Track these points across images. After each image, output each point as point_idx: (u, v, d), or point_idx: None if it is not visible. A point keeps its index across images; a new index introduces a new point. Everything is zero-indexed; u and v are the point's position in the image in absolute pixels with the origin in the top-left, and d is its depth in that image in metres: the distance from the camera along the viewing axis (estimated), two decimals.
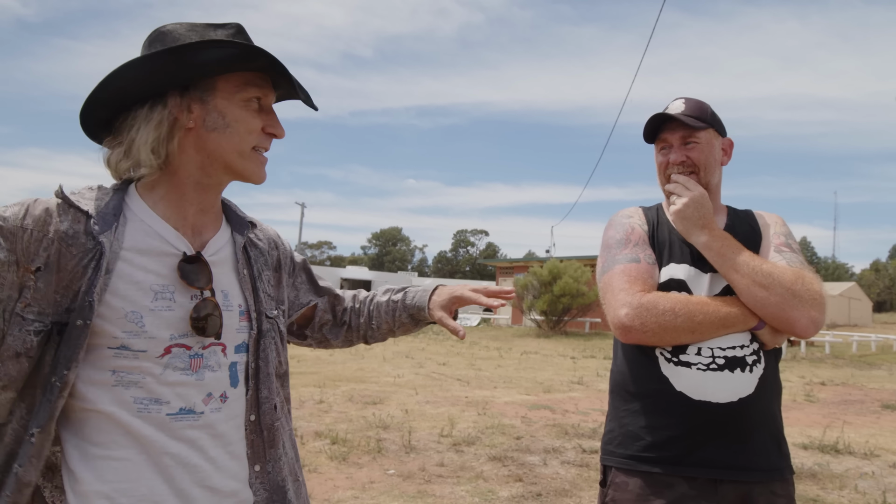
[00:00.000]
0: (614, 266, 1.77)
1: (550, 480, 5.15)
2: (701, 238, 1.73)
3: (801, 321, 1.62)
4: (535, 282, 22.73)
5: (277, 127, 1.24)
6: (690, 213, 1.75)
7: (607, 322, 1.74)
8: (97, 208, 1.13)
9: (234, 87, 1.18)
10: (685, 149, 1.82)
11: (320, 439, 6.15)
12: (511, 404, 8.65)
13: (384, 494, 4.67)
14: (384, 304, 1.60)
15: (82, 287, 1.07)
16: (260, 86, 1.21)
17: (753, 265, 1.67)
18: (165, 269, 1.16)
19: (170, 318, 1.14)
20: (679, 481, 1.65)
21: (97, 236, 1.09)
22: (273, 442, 1.28)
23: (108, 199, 1.15)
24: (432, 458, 5.67)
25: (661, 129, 1.85)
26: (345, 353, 14.67)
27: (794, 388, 11.50)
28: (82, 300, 1.06)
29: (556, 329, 23.09)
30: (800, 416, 8.52)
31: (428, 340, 19.45)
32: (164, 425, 1.12)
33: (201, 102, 1.17)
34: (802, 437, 7.04)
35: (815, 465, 5.87)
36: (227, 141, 1.18)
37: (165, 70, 1.13)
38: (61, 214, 1.10)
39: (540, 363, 14.31)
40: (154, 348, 1.11)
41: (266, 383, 1.28)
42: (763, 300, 1.63)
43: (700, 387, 1.64)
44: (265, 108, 1.23)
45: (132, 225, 1.15)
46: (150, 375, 1.11)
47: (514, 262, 33.43)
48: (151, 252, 1.15)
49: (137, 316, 1.10)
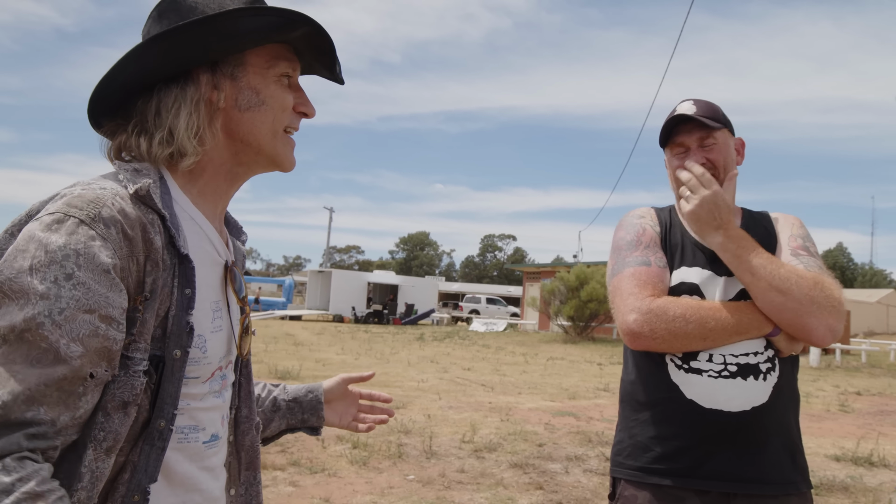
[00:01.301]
0: (624, 269, 1.71)
1: (572, 489, 5.07)
2: (716, 239, 1.67)
3: (818, 329, 1.55)
4: (563, 287, 22.56)
5: (308, 105, 1.12)
6: (704, 213, 1.68)
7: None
8: (163, 206, 0.94)
9: (266, 62, 1.05)
10: (703, 150, 1.75)
11: (341, 443, 6.15)
12: (535, 411, 8.57)
13: (403, 500, 4.64)
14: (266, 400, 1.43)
15: (171, 310, 0.92)
16: (290, 59, 1.08)
17: (771, 268, 1.60)
18: (216, 282, 1.05)
19: (221, 340, 1.04)
20: (690, 495, 1.59)
21: (179, 248, 0.94)
22: (251, 464, 1.19)
23: (159, 191, 0.96)
24: (453, 465, 5.63)
25: (676, 133, 1.79)
26: (370, 357, 14.72)
27: (828, 397, 11.21)
28: (176, 326, 0.92)
29: (583, 335, 22.87)
30: (833, 427, 8.29)
31: (454, 345, 19.42)
32: (199, 454, 1.02)
33: (232, 79, 1.04)
34: (835, 449, 6.84)
35: (847, 478, 5.69)
36: (261, 120, 1.05)
37: (197, 43, 0.98)
38: (146, 219, 0.91)
39: (566, 369, 14.17)
40: (205, 374, 1.01)
41: (247, 401, 1.19)
42: (780, 306, 1.56)
43: (711, 395, 1.58)
44: (294, 84, 1.11)
45: (187, 226, 1.00)
46: (194, 401, 1.00)
47: (542, 267, 33.23)
48: (206, 261, 1.03)
49: (202, 340, 0.98)
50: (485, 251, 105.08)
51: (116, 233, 0.86)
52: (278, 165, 1.11)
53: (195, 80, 1.01)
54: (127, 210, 0.88)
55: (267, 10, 1.00)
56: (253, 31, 1.00)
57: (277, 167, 1.11)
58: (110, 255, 0.84)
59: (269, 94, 1.06)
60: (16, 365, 0.77)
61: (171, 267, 0.93)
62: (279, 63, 1.06)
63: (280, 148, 1.09)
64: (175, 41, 0.97)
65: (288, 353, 14.27)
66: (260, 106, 1.05)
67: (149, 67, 0.99)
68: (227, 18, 0.98)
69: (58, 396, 0.79)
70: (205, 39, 0.98)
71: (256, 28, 1.00)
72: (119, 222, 0.86)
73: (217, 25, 0.98)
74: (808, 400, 10.72)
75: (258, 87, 1.05)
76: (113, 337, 0.83)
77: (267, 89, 1.05)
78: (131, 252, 0.88)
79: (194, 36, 0.97)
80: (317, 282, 35.08)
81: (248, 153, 1.08)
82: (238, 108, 1.04)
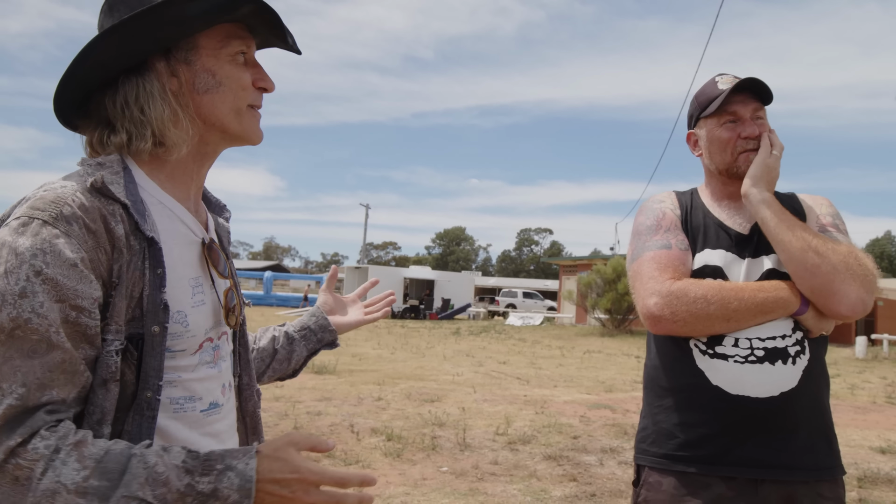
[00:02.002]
0: (644, 253, 1.68)
1: (606, 481, 5.02)
2: (765, 194, 1.63)
3: (849, 296, 1.50)
4: (599, 280, 22.34)
5: (267, 80, 1.13)
6: (774, 172, 1.66)
7: None
8: (126, 196, 0.99)
9: (218, 42, 1.07)
10: (757, 123, 1.70)
11: (376, 436, 6.20)
12: (570, 403, 8.51)
13: (435, 491, 4.66)
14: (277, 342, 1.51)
15: (145, 290, 0.97)
16: (242, 37, 1.10)
17: (808, 232, 1.57)
18: (194, 259, 1.10)
19: (205, 313, 1.09)
20: (716, 481, 1.56)
21: (145, 232, 0.98)
22: (255, 430, 1.25)
23: (123, 181, 1.01)
24: (486, 457, 5.62)
25: (729, 102, 1.70)
26: (405, 351, 14.79)
27: (874, 389, 10.88)
28: (151, 304, 0.97)
29: (620, 328, 22.62)
30: (879, 419, 8.04)
31: (490, 339, 19.39)
32: (198, 422, 1.08)
33: (187, 64, 1.06)
34: (881, 441, 6.64)
35: (893, 471, 5.52)
36: (221, 100, 1.08)
37: (146, 33, 1.01)
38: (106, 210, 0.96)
39: (602, 362, 14.04)
40: (192, 347, 1.06)
41: (247, 369, 1.25)
42: (815, 268, 1.51)
43: (738, 381, 1.54)
44: (250, 60, 1.12)
45: (155, 210, 1.04)
46: (185, 372, 1.05)
47: (578, 260, 32.94)
48: (180, 241, 1.08)
49: (182, 316, 1.03)
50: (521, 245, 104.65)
51: (79, 228, 0.91)
52: (246, 141, 1.13)
53: (153, 69, 1.04)
54: (87, 205, 0.93)
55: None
56: (198, 15, 1.02)
57: (246, 143, 1.14)
58: (75, 250, 0.90)
59: (225, 74, 1.08)
60: (16, 361, 0.85)
61: (140, 251, 0.98)
62: (232, 42, 1.08)
63: (246, 124, 1.11)
64: (124, 33, 1.00)
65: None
66: (218, 87, 1.07)
67: (104, 62, 1.02)
68: (172, 6, 1.00)
69: (64, 378, 0.88)
70: (153, 28, 1.01)
71: (201, 12, 1.02)
72: (80, 218, 0.92)
73: (163, 14, 1.00)
74: (853, 392, 10.43)
75: (213, 68, 1.07)
76: (85, 323, 0.90)
77: (222, 70, 1.07)
78: (97, 243, 0.93)
79: (142, 26, 1.00)
80: (353, 278, 35.35)
81: (214, 133, 1.11)
82: (197, 91, 1.07)
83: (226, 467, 0.89)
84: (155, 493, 0.84)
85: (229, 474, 0.88)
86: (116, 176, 1.00)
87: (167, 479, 0.85)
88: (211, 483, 0.87)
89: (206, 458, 0.89)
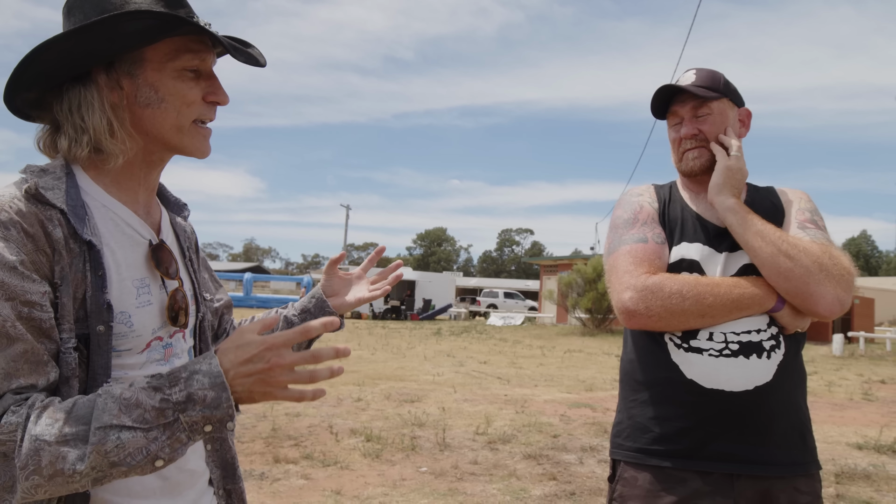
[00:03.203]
0: (620, 247, 1.66)
1: (585, 479, 5.01)
2: (729, 201, 1.62)
3: (825, 297, 1.48)
4: (580, 280, 22.44)
5: (220, 93, 1.11)
6: (738, 174, 1.65)
7: None
8: (66, 201, 1.00)
9: (165, 56, 1.05)
10: (697, 121, 1.70)
11: (355, 436, 6.14)
12: (551, 402, 8.51)
13: (414, 492, 4.62)
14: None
15: (88, 291, 0.99)
16: (195, 51, 1.07)
17: (779, 234, 1.55)
18: (140, 261, 1.10)
19: (151, 313, 1.09)
20: (692, 476, 1.54)
21: (83, 236, 0.99)
22: None
23: (64, 186, 1.02)
24: (466, 456, 5.59)
25: (672, 103, 1.74)
26: (386, 352, 14.73)
27: (851, 386, 11.02)
28: (94, 305, 0.99)
29: (601, 327, 22.72)
30: (856, 416, 8.14)
31: (471, 339, 19.39)
32: None
33: (130, 77, 1.05)
34: (857, 437, 6.71)
35: (869, 466, 5.57)
36: (162, 117, 1.06)
37: (83, 48, 1.01)
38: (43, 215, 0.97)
39: (583, 361, 14.08)
40: (138, 346, 1.06)
41: None
42: (787, 271, 1.50)
43: (712, 374, 1.53)
44: (205, 72, 1.10)
45: (98, 214, 1.05)
46: (132, 370, 1.06)
47: (559, 259, 33.07)
48: (125, 244, 1.08)
49: (126, 317, 1.03)
50: (502, 246, 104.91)
51: (17, 232, 0.93)
52: (191, 155, 1.13)
53: (94, 80, 1.04)
54: (24, 210, 0.95)
55: (143, 14, 1.00)
56: (134, 34, 1.01)
57: (189, 156, 1.14)
58: (14, 253, 0.91)
59: (168, 91, 1.06)
60: None
61: (80, 254, 0.99)
62: (181, 56, 1.06)
63: (188, 141, 1.10)
64: (63, 47, 1.01)
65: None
66: (160, 104, 1.06)
67: (47, 71, 1.02)
68: (108, 24, 0.99)
69: (28, 368, 0.90)
70: (92, 43, 1.01)
71: (138, 31, 1.01)
72: (17, 223, 0.93)
73: (101, 30, 0.99)
74: (830, 388, 10.55)
75: (156, 83, 1.05)
76: (39, 317, 0.92)
77: (165, 86, 1.05)
78: (37, 246, 0.94)
79: (82, 40, 1.00)
80: None
81: (156, 145, 1.10)
82: (138, 104, 1.06)
83: (191, 373, 0.90)
84: (132, 417, 0.86)
85: (196, 377, 0.89)
86: (58, 181, 1.01)
87: (139, 400, 0.87)
88: (182, 390, 0.88)
89: (169, 373, 0.90)
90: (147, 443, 0.86)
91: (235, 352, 0.93)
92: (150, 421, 0.86)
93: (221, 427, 0.91)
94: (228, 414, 0.90)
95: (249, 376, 0.92)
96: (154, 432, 0.87)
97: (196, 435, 0.90)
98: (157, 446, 0.87)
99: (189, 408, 0.88)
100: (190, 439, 0.90)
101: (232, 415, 0.91)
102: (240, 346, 0.93)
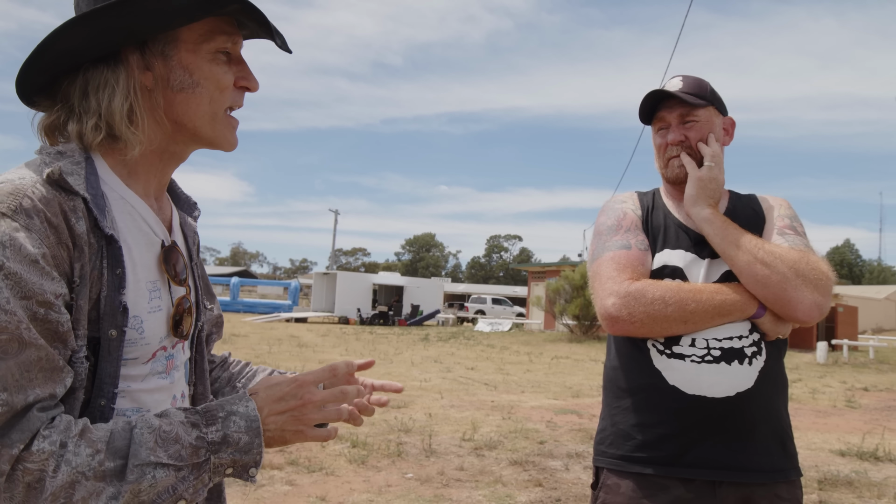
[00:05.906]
0: (603, 254, 1.67)
1: (571, 486, 5.01)
2: (705, 212, 1.63)
3: (803, 303, 1.50)
4: (567, 286, 22.47)
5: (251, 79, 1.05)
6: (712, 184, 1.66)
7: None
8: (87, 188, 0.91)
9: (200, 37, 0.98)
10: (683, 128, 1.71)
11: (340, 442, 6.11)
12: (537, 409, 8.51)
13: (400, 498, 4.60)
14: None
15: (103, 291, 0.90)
16: (228, 33, 1.00)
17: (755, 242, 1.57)
18: (153, 262, 1.01)
19: (160, 321, 1.01)
20: (674, 483, 1.54)
21: (104, 229, 0.90)
22: None
23: (84, 173, 0.92)
24: (452, 462, 5.58)
25: (659, 109, 1.75)
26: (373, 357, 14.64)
27: (834, 393, 11.11)
28: (109, 306, 0.90)
29: (588, 334, 22.75)
30: (839, 423, 8.19)
31: (458, 345, 19.36)
32: None
33: (163, 58, 0.97)
34: (840, 444, 6.76)
35: (852, 473, 5.62)
36: (196, 102, 0.99)
37: (121, 24, 0.92)
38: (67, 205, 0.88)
39: (570, 368, 14.10)
40: (145, 355, 0.98)
41: (202, 379, 1.18)
42: (764, 279, 1.51)
43: (694, 381, 1.53)
44: (235, 57, 1.03)
45: (116, 206, 0.96)
46: (134, 382, 0.97)
47: (547, 266, 33.12)
48: (140, 242, 0.99)
49: (139, 322, 0.95)
50: (490, 252, 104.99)
51: (41, 222, 0.83)
52: (218, 147, 1.06)
53: (125, 61, 0.96)
54: (48, 198, 0.86)
55: None
56: (181, 9, 0.94)
57: (217, 148, 1.07)
58: (37, 245, 0.82)
59: (203, 74, 0.99)
60: None
61: (98, 249, 0.90)
62: (215, 38, 0.99)
63: (220, 131, 1.03)
64: (96, 24, 0.92)
65: (291, 355, 14.25)
66: (194, 87, 0.99)
67: (73, 50, 0.94)
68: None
69: (43, 376, 0.81)
70: (128, 20, 0.93)
71: (181, 6, 0.93)
72: (42, 211, 0.84)
73: (142, 5, 0.92)
74: (814, 396, 10.63)
75: (191, 66, 0.98)
76: (55, 319, 0.83)
77: (200, 69, 0.99)
78: (59, 239, 0.85)
79: (117, 16, 0.92)
80: (322, 284, 35.05)
81: (184, 134, 1.02)
82: (171, 88, 0.99)
83: (228, 413, 0.88)
84: (169, 453, 0.83)
85: (234, 418, 0.88)
86: (77, 167, 0.92)
87: (177, 435, 0.84)
88: (219, 430, 0.86)
89: (206, 410, 0.88)
90: (176, 482, 0.83)
91: (266, 391, 0.93)
92: (185, 459, 0.83)
93: (244, 472, 0.89)
94: (255, 460, 0.89)
95: (282, 413, 0.91)
96: (184, 472, 0.84)
97: (217, 477, 0.87)
98: (184, 486, 0.84)
99: (222, 449, 0.86)
100: (211, 480, 0.87)
101: (258, 461, 0.89)
102: (270, 386, 0.93)
